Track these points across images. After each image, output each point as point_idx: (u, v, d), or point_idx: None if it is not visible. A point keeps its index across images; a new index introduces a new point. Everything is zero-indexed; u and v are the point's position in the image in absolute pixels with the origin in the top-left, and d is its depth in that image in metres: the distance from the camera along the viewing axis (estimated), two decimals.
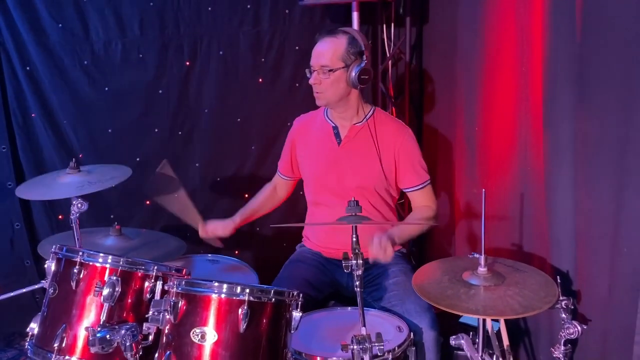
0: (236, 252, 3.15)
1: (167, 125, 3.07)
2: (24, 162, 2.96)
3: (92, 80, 2.93)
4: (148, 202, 3.10)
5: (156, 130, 3.06)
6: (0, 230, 3.00)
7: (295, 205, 2.91)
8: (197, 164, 3.14)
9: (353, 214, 1.51)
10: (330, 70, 2.07)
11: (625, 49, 1.53)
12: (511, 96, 2.21)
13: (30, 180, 2.43)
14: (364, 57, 2.10)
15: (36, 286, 2.32)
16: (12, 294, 2.31)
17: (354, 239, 1.46)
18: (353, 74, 2.07)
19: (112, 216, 3.01)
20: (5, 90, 2.87)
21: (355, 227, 1.48)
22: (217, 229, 2.30)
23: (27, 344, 1.61)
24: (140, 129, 3.04)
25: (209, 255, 2.44)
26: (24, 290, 2.42)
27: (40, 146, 2.97)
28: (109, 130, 3.00)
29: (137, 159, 3.04)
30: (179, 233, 2.53)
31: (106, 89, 2.95)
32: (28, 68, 2.87)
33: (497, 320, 2.06)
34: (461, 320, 2.27)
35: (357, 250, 1.44)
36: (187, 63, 3.02)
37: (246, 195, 3.04)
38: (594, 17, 1.64)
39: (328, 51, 2.08)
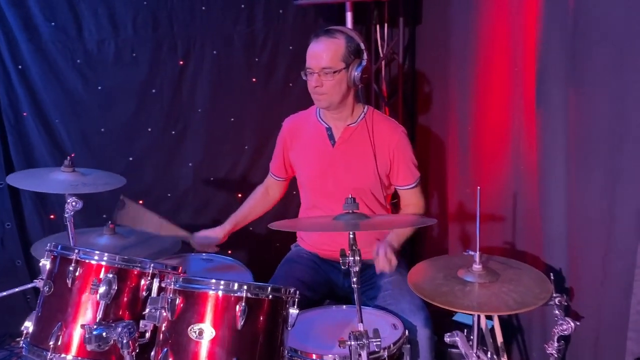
0: (229, 251, 3.15)
1: (160, 124, 3.06)
2: (15, 161, 2.93)
3: (84, 79, 2.91)
4: (141, 202, 3.08)
5: (149, 129, 3.04)
6: None
7: (288, 204, 2.92)
8: (190, 164, 3.14)
9: (350, 211, 1.51)
10: (334, 72, 2.04)
11: (616, 49, 1.55)
12: (504, 96, 2.23)
13: (23, 171, 2.40)
14: (364, 55, 2.08)
15: (28, 286, 2.29)
16: (3, 294, 2.27)
17: (351, 236, 1.47)
18: (355, 73, 2.05)
19: (104, 216, 2.99)
20: None
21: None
22: (207, 239, 2.30)
23: (21, 342, 1.60)
24: (133, 128, 3.03)
25: (204, 254, 2.42)
26: (16, 290, 2.39)
27: (32, 145, 2.94)
28: (102, 130, 2.99)
29: (130, 159, 3.03)
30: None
31: (99, 87, 2.94)
32: (20, 67, 2.84)
33: (490, 318, 2.08)
34: (454, 318, 2.29)
35: (354, 247, 1.45)
36: (181, 62, 3.02)
37: (239, 195, 3.05)
38: (586, 14, 1.67)
39: (328, 52, 2.04)
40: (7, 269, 3.03)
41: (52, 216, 3.05)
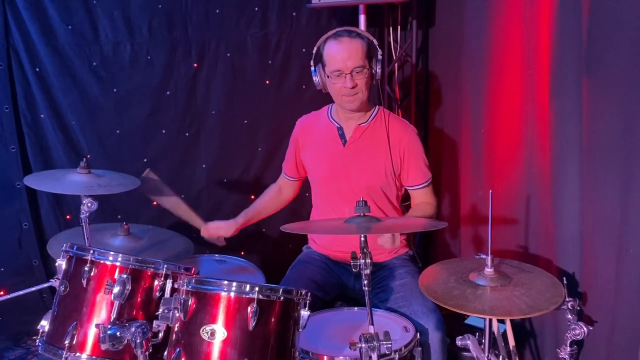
0: (242, 253, 3.18)
1: (174, 126, 3.09)
2: (32, 162, 2.99)
3: (100, 81, 2.96)
4: (155, 203, 3.12)
5: (163, 131, 3.08)
6: (8, 230, 3.03)
7: (300, 206, 2.93)
8: (204, 165, 3.17)
9: (362, 214, 1.52)
10: (365, 69, 2.06)
11: (631, 51, 1.55)
12: (517, 98, 2.22)
13: (40, 172, 2.45)
14: (379, 51, 2.11)
15: (44, 285, 2.34)
16: (20, 292, 2.32)
17: (362, 239, 1.47)
18: (378, 69, 2.09)
19: (119, 216, 3.04)
20: (15, 91, 2.90)
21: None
22: (219, 229, 2.30)
23: (37, 341, 1.63)
24: (148, 129, 3.07)
25: (216, 255, 2.45)
26: (32, 289, 2.43)
27: (49, 146, 3.00)
28: (117, 131, 3.03)
29: (145, 160, 3.07)
30: (187, 233, 2.54)
31: (114, 90, 2.98)
32: (38, 69, 2.90)
33: (503, 322, 2.07)
34: (466, 321, 2.29)
35: (365, 250, 1.45)
36: (195, 65, 3.05)
37: (252, 197, 3.06)
38: (601, 18, 1.66)
39: (357, 51, 2.06)
40: (24, 268, 3.08)
41: (68, 216, 3.09)
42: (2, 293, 2.99)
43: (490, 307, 1.53)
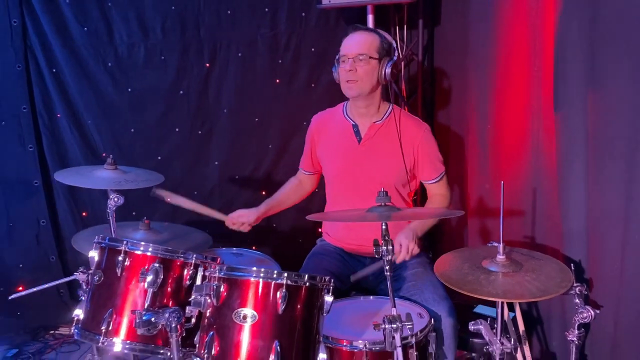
0: (253, 247, 3.24)
1: (187, 124, 3.17)
2: (49, 161, 3.08)
3: (115, 81, 3.04)
4: (169, 200, 3.19)
5: (177, 129, 3.16)
6: (26, 227, 3.11)
7: (309, 202, 2.99)
8: (216, 162, 3.25)
9: (382, 203, 1.60)
10: (370, 58, 2.14)
11: (635, 45, 1.62)
12: (523, 94, 2.29)
13: (67, 169, 2.52)
14: (395, 53, 2.20)
15: (69, 278, 2.36)
16: (39, 287, 2.33)
17: (384, 227, 1.56)
18: (387, 68, 2.16)
19: (134, 213, 3.10)
20: (32, 91, 2.99)
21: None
22: (241, 216, 2.38)
23: (72, 328, 1.71)
24: (162, 128, 3.15)
25: (234, 248, 2.53)
26: (55, 283, 2.49)
27: (66, 145, 3.08)
28: (132, 130, 3.11)
29: (159, 158, 3.15)
30: (202, 228, 2.61)
31: (129, 90, 3.06)
32: (54, 70, 2.98)
33: (512, 310, 2.16)
34: (476, 310, 2.36)
35: (386, 237, 1.54)
36: (207, 65, 3.13)
37: (263, 193, 3.14)
38: (605, 13, 1.72)
39: (366, 42, 2.16)
40: (42, 265, 3.16)
41: (84, 213, 3.17)
42: (20, 289, 3.07)
43: (503, 291, 1.61)
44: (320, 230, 2.61)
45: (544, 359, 2.24)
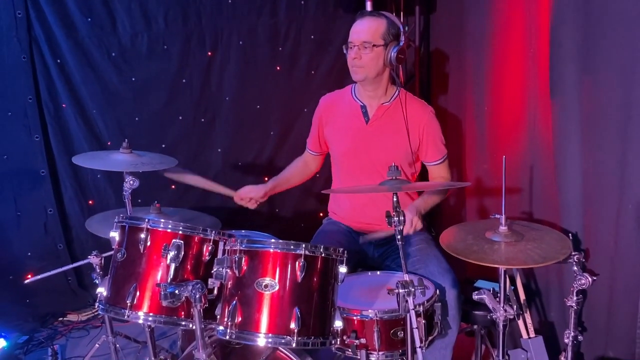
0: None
1: (190, 112, 3.24)
2: (55, 150, 3.14)
3: (119, 71, 3.09)
4: (173, 187, 3.26)
5: (180, 117, 3.23)
6: (34, 216, 3.17)
7: (312, 184, 3.07)
8: (219, 149, 3.31)
9: (394, 177, 1.69)
10: (373, 46, 2.20)
11: (627, 23, 1.70)
12: (520, 76, 2.37)
13: (85, 153, 2.58)
14: (402, 38, 2.25)
15: (84, 262, 2.40)
16: (48, 273, 2.40)
17: (395, 200, 1.64)
18: (392, 53, 2.22)
19: (139, 200, 3.16)
20: (37, 82, 3.04)
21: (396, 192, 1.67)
22: (250, 192, 2.45)
23: (97, 304, 1.77)
24: (165, 116, 3.21)
25: (243, 231, 2.59)
26: (68, 267, 2.56)
27: (71, 135, 3.14)
28: (136, 119, 3.18)
29: (163, 145, 3.22)
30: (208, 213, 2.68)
31: (133, 79, 3.12)
32: (59, 61, 3.02)
33: (513, 283, 2.24)
34: (476, 284, 2.45)
35: (398, 209, 1.62)
36: (209, 53, 3.19)
37: (265, 178, 3.17)
38: None
39: (370, 28, 2.21)
40: (50, 252, 3.23)
41: (90, 202, 3.23)
42: (29, 276, 3.12)
43: (507, 258, 1.70)
44: (321, 214, 2.67)
45: (543, 329, 2.34)
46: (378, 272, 2.20)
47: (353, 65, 2.25)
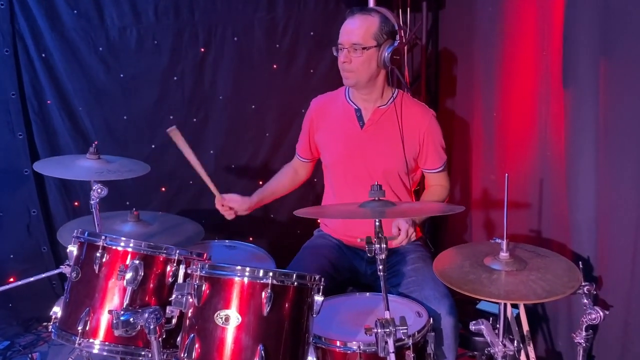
0: (250, 238, 3.17)
1: (182, 111, 3.08)
2: (40, 149, 2.99)
3: (107, 66, 2.94)
4: (163, 189, 3.12)
5: (171, 117, 3.06)
6: (17, 217, 3.03)
7: (309, 191, 2.92)
8: (211, 151, 3.15)
9: (376, 198, 1.50)
10: (363, 49, 2.02)
11: None
12: (531, 80, 2.20)
13: (49, 158, 2.43)
14: (397, 37, 2.06)
15: (54, 272, 2.33)
16: (30, 279, 2.32)
17: (377, 224, 1.46)
18: (385, 53, 2.03)
19: (127, 202, 3.03)
20: (21, 77, 2.89)
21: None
22: (233, 201, 2.26)
23: (50, 327, 1.63)
24: (155, 115, 3.05)
25: (227, 241, 2.44)
26: (42, 275, 2.43)
27: (56, 133, 2.99)
28: (124, 117, 3.02)
29: (152, 146, 3.06)
30: (196, 219, 2.52)
31: (121, 75, 2.96)
32: (44, 55, 2.88)
33: (516, 306, 2.06)
34: (478, 307, 2.27)
35: (380, 235, 1.44)
36: (202, 50, 3.02)
37: (260, 182, 3.03)
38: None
39: (360, 29, 2.03)
40: (33, 255, 3.09)
41: (76, 203, 3.10)
42: (12, 280, 3.01)
43: (506, 291, 1.51)
44: (318, 221, 2.52)
45: (549, 359, 2.16)
46: (367, 294, 2.02)
47: (343, 69, 2.07)
